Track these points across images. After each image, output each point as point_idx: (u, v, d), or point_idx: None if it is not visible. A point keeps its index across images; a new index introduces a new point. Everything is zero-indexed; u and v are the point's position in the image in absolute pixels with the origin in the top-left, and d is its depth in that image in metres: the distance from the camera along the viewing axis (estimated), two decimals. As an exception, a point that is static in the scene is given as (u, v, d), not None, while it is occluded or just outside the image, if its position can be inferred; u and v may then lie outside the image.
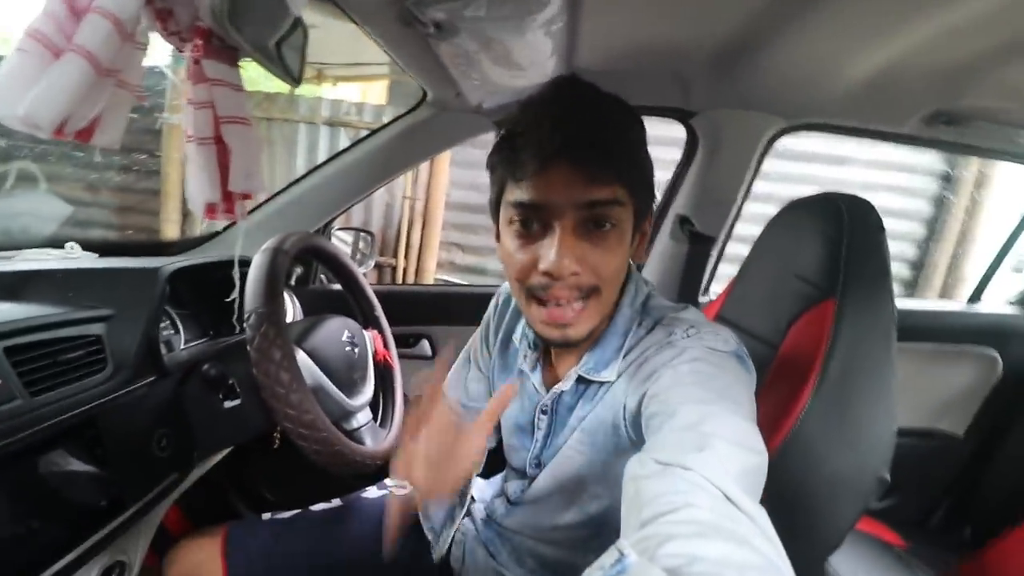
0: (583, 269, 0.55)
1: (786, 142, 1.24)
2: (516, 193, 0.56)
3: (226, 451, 1.02)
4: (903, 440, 1.32)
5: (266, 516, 0.83)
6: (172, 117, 2.93)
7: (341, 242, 1.46)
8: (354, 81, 4.81)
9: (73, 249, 0.97)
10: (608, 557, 0.32)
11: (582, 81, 0.58)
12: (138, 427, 0.76)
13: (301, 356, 0.85)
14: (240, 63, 0.53)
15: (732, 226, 1.29)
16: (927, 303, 1.44)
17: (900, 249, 2.93)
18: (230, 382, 0.87)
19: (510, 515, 0.76)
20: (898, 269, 2.94)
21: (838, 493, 0.69)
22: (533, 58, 0.91)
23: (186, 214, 3.18)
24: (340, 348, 0.92)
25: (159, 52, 0.58)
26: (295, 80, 0.65)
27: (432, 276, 3.19)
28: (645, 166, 0.60)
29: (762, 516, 0.38)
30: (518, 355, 0.74)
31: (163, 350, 0.88)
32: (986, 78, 0.88)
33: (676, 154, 1.28)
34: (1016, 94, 0.93)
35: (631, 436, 0.59)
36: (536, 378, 0.70)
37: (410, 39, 0.79)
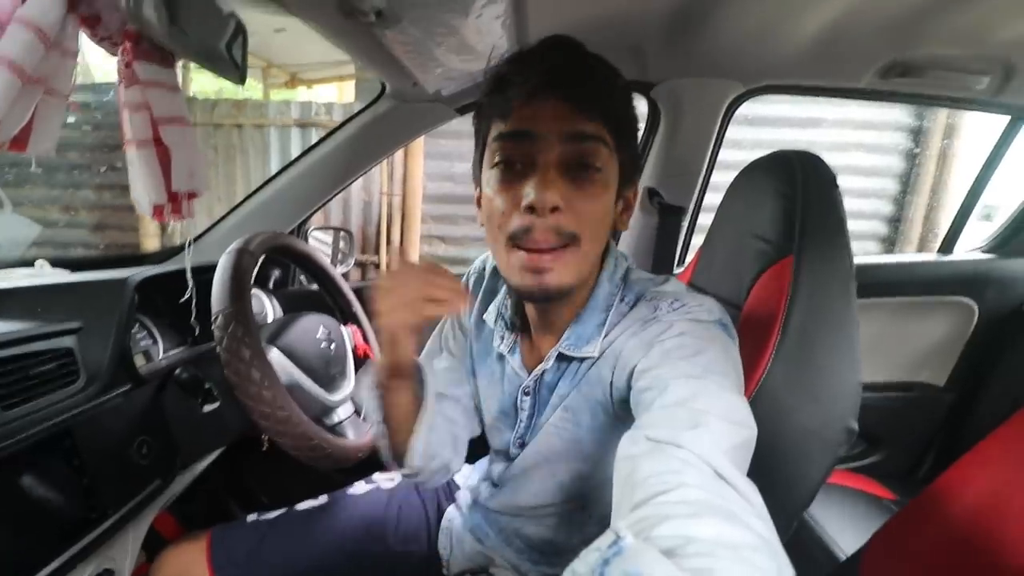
0: (565, 209, 0.54)
1: (755, 108, 1.25)
2: (501, 127, 0.56)
3: (214, 455, 1.03)
4: (885, 394, 1.37)
5: (251, 517, 0.83)
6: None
7: (320, 242, 1.46)
8: (328, 82, 4.78)
9: (42, 267, 0.97)
10: (604, 539, 0.32)
11: (571, 39, 0.57)
12: (116, 436, 0.77)
13: (275, 354, 0.86)
14: (174, 63, 0.54)
15: (702, 196, 1.30)
16: (900, 256, 1.45)
17: (875, 206, 2.96)
18: (207, 386, 0.88)
19: (495, 496, 0.76)
20: (875, 226, 2.97)
21: (807, 446, 0.70)
22: (484, 41, 0.91)
23: (164, 227, 3.18)
24: (316, 344, 0.93)
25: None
26: (239, 79, 0.66)
27: (415, 270, 3.17)
28: (632, 125, 0.60)
29: (753, 493, 0.38)
30: (494, 336, 0.72)
31: (141, 360, 0.90)
32: (935, 25, 0.89)
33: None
34: (965, 39, 0.94)
35: (617, 413, 0.59)
36: (516, 360, 0.69)
37: (356, 31, 0.79)
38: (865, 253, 2.91)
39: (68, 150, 2.99)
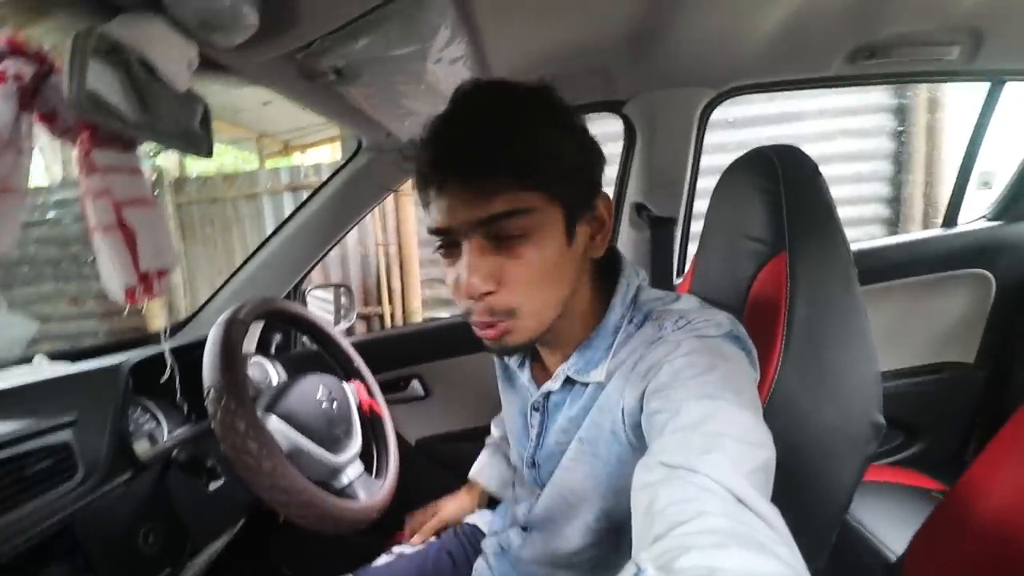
0: (498, 287, 0.53)
1: (735, 111, 1.25)
2: (428, 219, 0.56)
3: (229, 534, 1.00)
4: (915, 380, 1.31)
5: None
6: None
7: (320, 301, 1.46)
8: (320, 144, 4.92)
9: (41, 362, 0.97)
10: (626, 572, 0.31)
11: (483, 85, 0.54)
12: (119, 526, 0.76)
13: (274, 422, 0.84)
14: (135, 147, 0.54)
15: (691, 204, 1.29)
16: (905, 236, 1.41)
17: (873, 189, 2.91)
18: (209, 464, 0.86)
19: (526, 545, 0.73)
20: (876, 209, 2.91)
21: (832, 447, 0.67)
22: (450, 83, 0.92)
23: (170, 307, 3.23)
24: (316, 406, 0.91)
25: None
26: (206, 153, 0.66)
27: (419, 316, 3.19)
28: (565, 158, 0.54)
29: (777, 517, 0.37)
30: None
31: (146, 444, 0.88)
32: (896, 3, 0.89)
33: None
34: (928, 13, 0.94)
35: (631, 441, 0.57)
36: (525, 375, 0.68)
37: (320, 92, 0.80)
38: (870, 237, 2.87)
39: (72, 244, 3.11)
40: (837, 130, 2.87)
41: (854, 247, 1.30)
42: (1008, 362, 1.28)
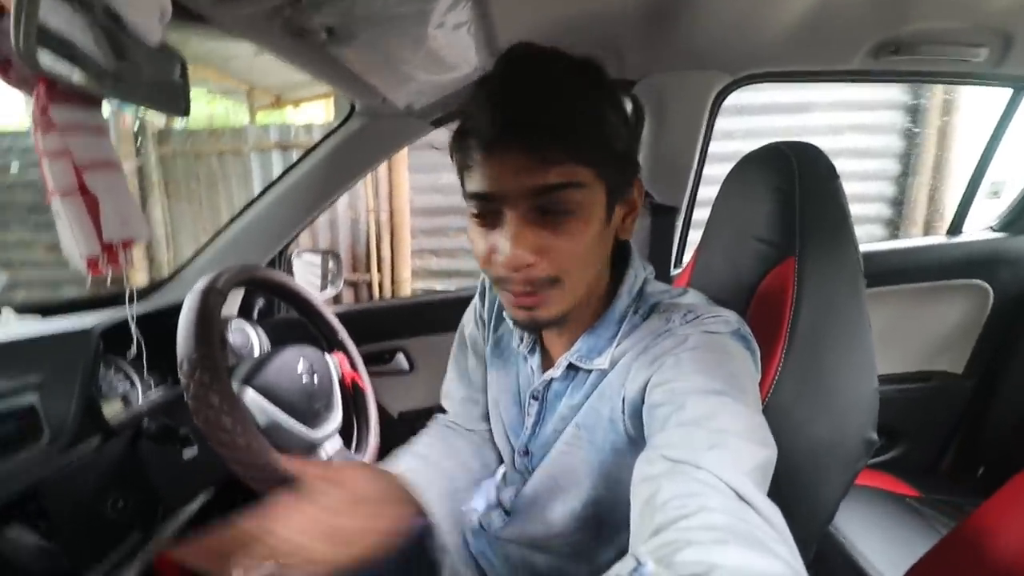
0: (540, 259, 0.51)
1: (745, 97, 1.20)
2: (468, 183, 0.53)
3: (204, 498, 0.99)
4: (901, 386, 1.31)
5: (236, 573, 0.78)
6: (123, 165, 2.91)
7: (308, 266, 1.42)
8: (314, 101, 4.75)
9: (8, 316, 0.93)
10: (625, 565, 0.33)
11: (534, 49, 0.52)
12: (86, 492, 0.75)
13: (251, 395, 0.81)
14: (99, 104, 0.49)
15: (695, 192, 1.25)
16: (907, 241, 1.39)
17: (878, 188, 2.88)
18: (183, 432, 0.84)
19: (507, 525, 0.73)
20: (879, 209, 2.90)
21: (822, 461, 0.66)
22: (450, 52, 0.87)
23: (152, 261, 3.16)
24: (296, 379, 0.88)
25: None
26: (182, 112, 0.62)
27: (409, 286, 3.15)
28: (613, 136, 0.53)
29: (777, 516, 0.37)
30: (513, 336, 0.71)
31: (119, 407, 0.86)
32: None
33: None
34: (959, 11, 0.89)
35: (629, 431, 0.56)
36: (535, 361, 0.67)
37: (310, 51, 0.74)
38: (871, 237, 2.86)
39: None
40: (847, 124, 2.81)
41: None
42: (995, 375, 1.28)
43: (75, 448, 0.73)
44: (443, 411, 0.86)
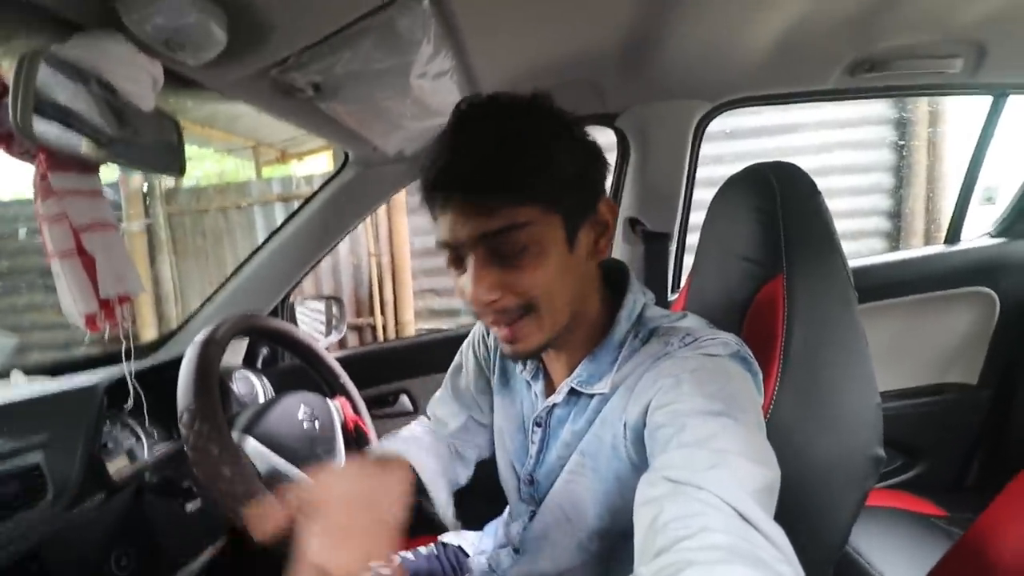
0: (503, 293, 0.54)
1: (733, 121, 1.22)
2: (436, 232, 0.57)
3: (211, 553, 0.98)
4: (915, 400, 1.28)
5: None
6: (132, 225, 2.99)
7: (310, 313, 1.44)
8: (317, 153, 4.90)
9: (16, 378, 0.95)
10: None
11: (479, 102, 0.55)
12: (90, 550, 0.75)
13: (252, 444, 0.81)
14: (96, 169, 0.52)
15: (686, 218, 1.26)
16: (907, 252, 1.38)
17: (873, 202, 2.88)
18: (185, 485, 0.84)
19: (516, 564, 0.71)
20: (877, 222, 2.88)
21: (829, 482, 0.64)
22: (435, 99, 0.90)
23: (161, 316, 3.20)
24: (297, 426, 0.88)
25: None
26: (177, 173, 0.64)
27: (412, 327, 3.16)
28: (562, 166, 0.54)
29: (780, 536, 0.37)
30: (517, 364, 0.71)
31: (125, 460, 0.86)
32: (896, 15, 0.87)
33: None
34: (930, 25, 0.91)
35: (631, 457, 0.56)
36: (539, 387, 0.68)
37: (300, 107, 0.78)
38: (872, 252, 2.84)
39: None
40: (836, 142, 2.84)
41: (853, 264, 1.27)
42: (1013, 382, 1.25)
43: (79, 505, 0.73)
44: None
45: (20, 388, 0.91)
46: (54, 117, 0.46)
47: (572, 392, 0.63)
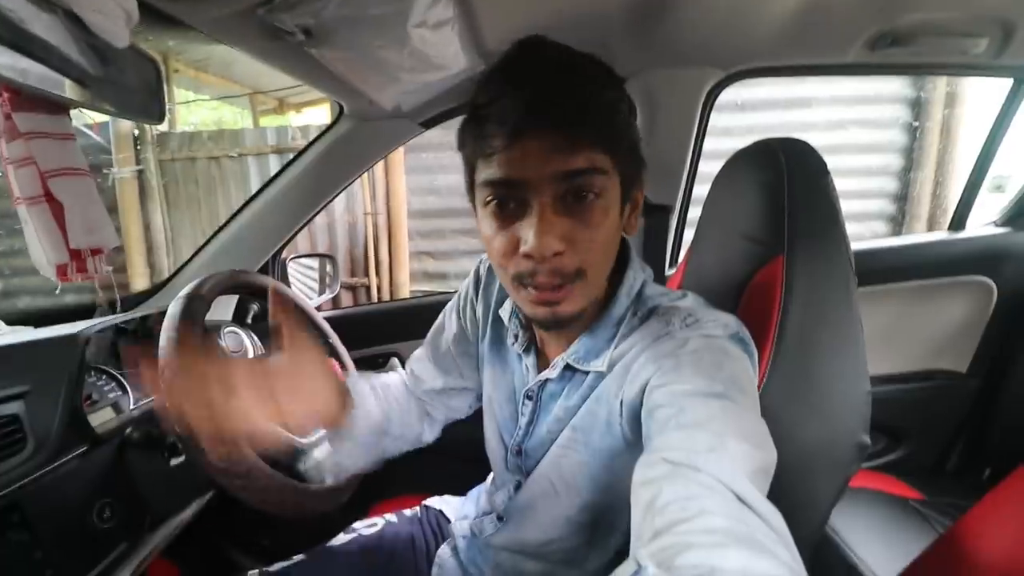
0: (567, 248, 0.50)
1: (743, 92, 1.18)
2: (487, 171, 0.51)
3: (196, 508, 0.99)
4: (903, 385, 1.28)
5: None
6: (122, 171, 2.92)
7: (303, 270, 1.42)
8: (315, 105, 4.78)
9: (-2, 327, 0.93)
10: (625, 569, 0.34)
11: (549, 41, 0.52)
12: (72, 502, 0.74)
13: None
14: (66, 111, 0.49)
15: (689, 191, 1.23)
16: (910, 238, 1.36)
17: (881, 184, 2.84)
18: (170, 441, 0.83)
19: (499, 531, 0.72)
20: (882, 205, 2.85)
21: (813, 466, 0.64)
22: (436, 51, 0.86)
23: (152, 265, 3.17)
24: (283, 386, 0.88)
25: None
26: (156, 119, 0.61)
27: (407, 288, 3.15)
28: (628, 129, 0.54)
29: (777, 518, 0.37)
30: (508, 333, 0.70)
31: (110, 413, 0.85)
32: None
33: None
34: (957, 1, 0.87)
35: (626, 434, 0.56)
36: (531, 360, 0.67)
37: (290, 53, 0.74)
38: (874, 234, 2.82)
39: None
40: (850, 119, 2.78)
41: (854, 247, 1.26)
42: (1002, 373, 1.25)
43: (60, 457, 0.72)
44: None
45: (4, 336, 0.90)
46: (22, 50, 0.43)
47: (567, 368, 0.62)
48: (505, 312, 0.70)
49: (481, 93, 0.51)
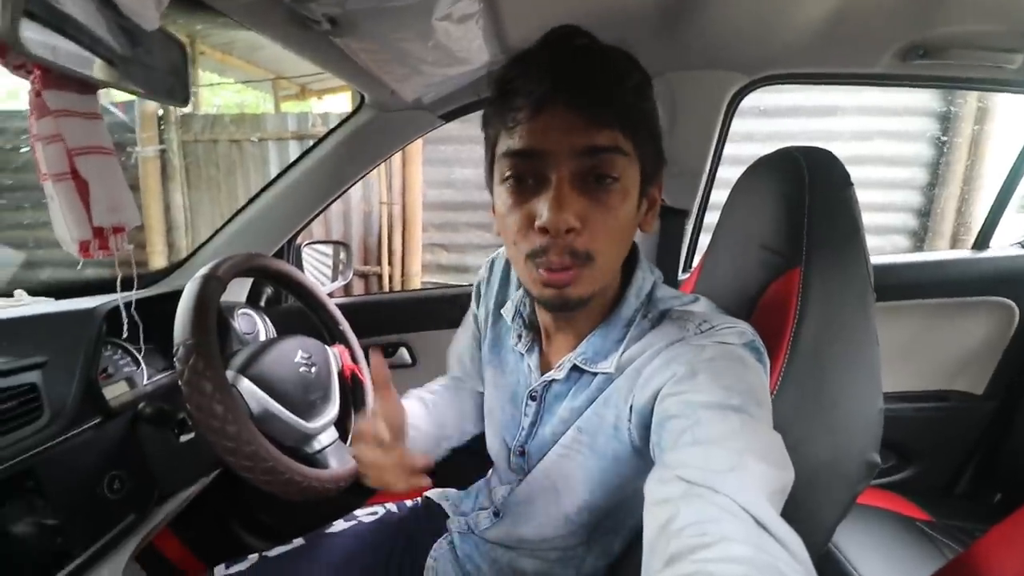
0: (581, 228, 0.50)
1: (767, 98, 1.16)
2: (509, 143, 0.51)
3: (202, 484, 1.01)
4: (917, 404, 1.26)
5: (219, 570, 0.77)
6: (146, 150, 2.97)
7: (317, 256, 1.43)
8: (338, 92, 4.79)
9: (20, 297, 0.95)
10: None
11: (580, 29, 0.53)
12: (84, 472, 0.76)
13: (246, 384, 0.81)
14: (94, 90, 0.50)
15: (707, 196, 1.22)
16: (931, 255, 1.34)
17: (905, 198, 2.77)
18: (180, 417, 0.85)
19: (495, 526, 0.72)
20: (904, 219, 2.79)
21: (820, 482, 0.63)
22: (459, 45, 0.86)
23: (171, 244, 3.22)
24: (293, 370, 0.88)
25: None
26: (181, 102, 0.62)
27: (419, 279, 3.17)
28: (652, 118, 0.54)
29: (798, 544, 0.36)
30: (510, 333, 0.70)
31: (125, 387, 0.88)
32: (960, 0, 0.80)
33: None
34: (994, 14, 0.85)
35: (633, 440, 0.55)
36: (534, 360, 0.66)
37: (315, 41, 0.74)
38: (895, 248, 2.77)
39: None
40: (875, 130, 2.72)
41: (874, 261, 1.23)
42: (1017, 397, 1.23)
43: (74, 428, 0.74)
44: None
45: (21, 308, 0.92)
46: (54, 28, 0.43)
47: (575, 369, 0.61)
48: (508, 312, 0.70)
49: (509, 69, 0.52)
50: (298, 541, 0.81)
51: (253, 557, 0.78)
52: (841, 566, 0.94)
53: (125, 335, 0.80)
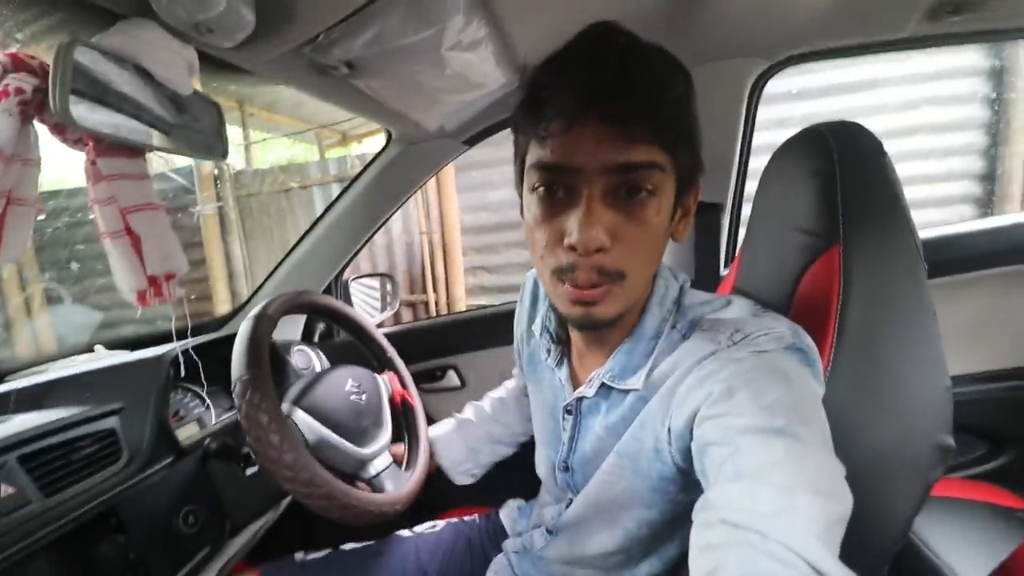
0: (612, 245, 0.48)
1: (798, 80, 1.11)
2: (539, 154, 0.49)
3: (273, 515, 1.05)
4: (1002, 384, 1.15)
5: (299, 556, 0.84)
6: (205, 207, 3.21)
7: (365, 290, 1.49)
8: (375, 135, 5.02)
9: (99, 352, 1.05)
10: None
11: (619, 27, 0.49)
12: (161, 509, 0.81)
13: (300, 415, 0.85)
14: (143, 154, 0.55)
15: (741, 187, 1.18)
16: (997, 220, 1.23)
17: (964, 164, 2.58)
18: (244, 451, 0.90)
19: (550, 545, 0.72)
20: (967, 187, 2.59)
21: (887, 473, 0.58)
22: (472, 71, 0.89)
23: (233, 291, 3.44)
24: (344, 398, 0.92)
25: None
26: (220, 156, 0.67)
27: (463, 303, 3.24)
28: (691, 128, 0.51)
29: None
30: (540, 350, 0.70)
31: (196, 427, 0.94)
32: None
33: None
34: None
35: (677, 462, 0.53)
36: (563, 374, 0.65)
37: (335, 86, 0.79)
38: (960, 218, 2.57)
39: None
40: (922, 98, 2.56)
41: (931, 234, 1.14)
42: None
43: (150, 467, 0.80)
44: None
45: (100, 360, 1.01)
46: (103, 103, 0.48)
47: (604, 386, 0.59)
48: (537, 327, 0.70)
49: (542, 73, 0.49)
50: (368, 541, 0.86)
51: (327, 549, 0.83)
52: (928, 561, 0.86)
53: (183, 374, 0.85)
